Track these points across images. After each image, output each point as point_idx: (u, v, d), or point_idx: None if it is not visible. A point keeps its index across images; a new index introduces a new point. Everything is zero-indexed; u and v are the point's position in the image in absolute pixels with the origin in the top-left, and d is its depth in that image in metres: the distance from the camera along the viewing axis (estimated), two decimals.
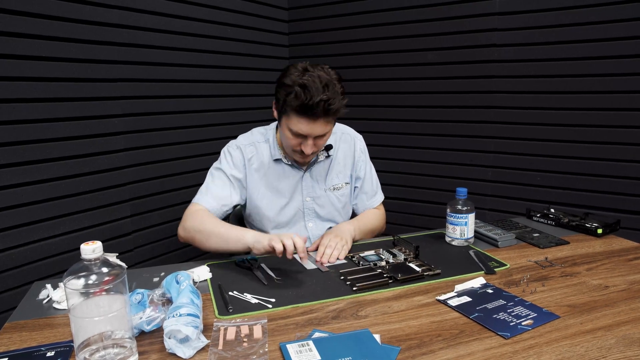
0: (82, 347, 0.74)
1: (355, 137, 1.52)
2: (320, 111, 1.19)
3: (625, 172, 1.82)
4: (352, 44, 2.34)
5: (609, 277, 1.10)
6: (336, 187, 1.46)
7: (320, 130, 1.24)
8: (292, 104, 1.20)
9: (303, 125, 1.22)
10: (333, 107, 1.20)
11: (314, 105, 1.17)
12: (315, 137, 1.26)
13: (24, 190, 1.52)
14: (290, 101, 1.20)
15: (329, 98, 1.19)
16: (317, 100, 1.17)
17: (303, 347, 0.81)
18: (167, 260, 2.02)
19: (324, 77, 1.20)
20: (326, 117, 1.22)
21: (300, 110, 1.20)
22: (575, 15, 1.82)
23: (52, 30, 1.53)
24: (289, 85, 1.20)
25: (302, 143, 1.27)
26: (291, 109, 1.21)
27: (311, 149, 1.27)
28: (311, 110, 1.18)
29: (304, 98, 1.17)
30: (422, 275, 1.12)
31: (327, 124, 1.25)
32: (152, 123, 1.90)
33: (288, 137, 1.28)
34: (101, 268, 0.74)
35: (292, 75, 1.21)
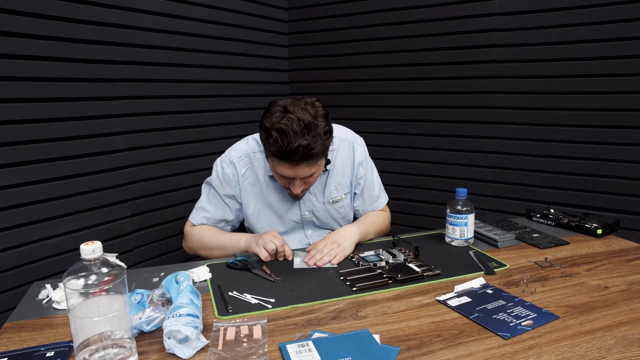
0: (82, 347, 0.74)
1: (354, 143, 1.44)
2: (299, 157, 1.13)
3: (624, 172, 1.82)
4: (352, 44, 2.34)
5: (608, 277, 1.11)
6: (335, 200, 1.42)
7: (304, 173, 1.20)
8: (271, 149, 1.16)
9: (285, 169, 1.19)
10: (314, 152, 1.14)
11: (291, 151, 1.12)
12: (303, 177, 1.22)
13: (24, 190, 1.51)
14: (269, 146, 1.16)
15: (308, 144, 1.12)
16: (294, 146, 1.11)
17: (303, 347, 0.81)
18: (167, 260, 2.02)
19: (305, 119, 1.13)
20: (307, 161, 1.16)
21: (279, 156, 1.15)
22: (575, 16, 1.82)
23: (52, 30, 1.53)
24: (268, 129, 1.14)
25: (290, 183, 1.25)
26: (271, 153, 1.18)
27: (300, 188, 1.24)
28: (290, 157, 1.13)
29: (282, 144, 1.12)
30: (421, 276, 1.12)
31: (311, 166, 1.19)
32: (152, 123, 1.90)
33: (276, 177, 1.28)
34: (101, 268, 0.74)
35: (271, 117, 1.15)
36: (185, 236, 1.42)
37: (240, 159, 1.36)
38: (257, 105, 2.36)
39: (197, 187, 2.09)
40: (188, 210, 1.40)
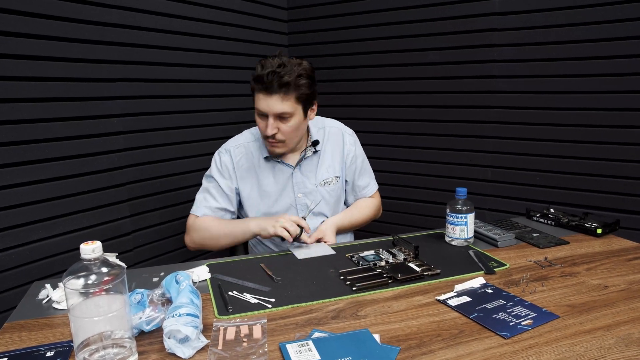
0: (82, 347, 0.74)
1: (343, 131, 1.54)
2: (274, 83, 1.24)
3: (624, 172, 1.82)
4: (352, 44, 2.34)
5: (608, 277, 1.11)
6: (326, 182, 1.48)
7: (277, 107, 1.27)
8: (252, 80, 1.29)
9: (261, 101, 1.28)
10: (285, 79, 1.24)
11: (264, 75, 1.24)
12: (278, 118, 1.30)
13: (24, 190, 1.51)
14: (252, 77, 1.29)
15: (281, 71, 1.24)
16: (267, 71, 1.24)
17: (303, 347, 0.81)
18: (167, 260, 2.02)
19: (285, 60, 1.28)
20: (280, 90, 1.26)
21: (256, 83, 1.27)
22: (575, 15, 1.82)
23: (52, 30, 1.53)
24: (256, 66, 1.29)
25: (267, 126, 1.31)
26: (253, 84, 1.29)
27: (272, 129, 1.30)
28: (264, 81, 1.25)
29: (259, 70, 1.26)
30: (421, 275, 1.12)
31: (284, 100, 1.27)
32: (152, 123, 1.90)
33: (256, 121, 1.34)
34: (101, 268, 0.74)
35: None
36: (188, 230, 1.43)
37: (235, 147, 1.45)
38: None
39: (197, 187, 2.10)
40: (188, 210, 1.41)
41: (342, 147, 1.52)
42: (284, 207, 1.45)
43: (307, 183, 1.46)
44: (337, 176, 1.51)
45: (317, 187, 1.47)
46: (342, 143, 1.52)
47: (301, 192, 1.46)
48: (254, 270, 1.17)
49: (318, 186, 1.47)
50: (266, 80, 1.24)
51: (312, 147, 1.46)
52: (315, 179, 1.47)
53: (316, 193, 1.47)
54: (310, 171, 1.47)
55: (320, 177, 1.48)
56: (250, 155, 1.44)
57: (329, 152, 1.50)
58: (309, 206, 1.46)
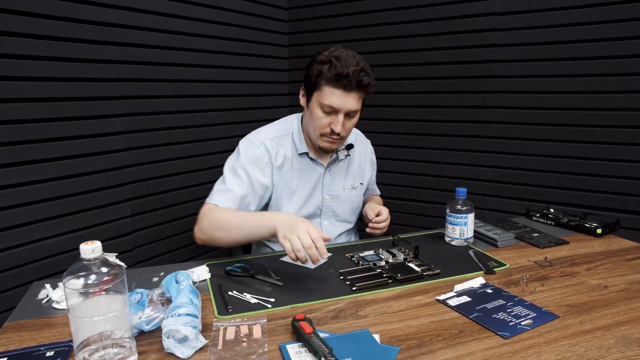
0: (82, 347, 0.74)
1: (368, 143, 1.61)
2: (354, 81, 1.21)
3: (624, 172, 1.82)
4: (352, 44, 2.32)
5: (608, 277, 1.11)
6: (354, 187, 1.48)
7: (352, 105, 1.25)
8: (326, 75, 1.22)
9: (336, 97, 1.23)
10: (365, 79, 1.22)
11: (349, 74, 1.20)
12: (345, 116, 1.26)
13: (24, 190, 1.52)
14: (325, 73, 1.22)
15: (362, 69, 1.22)
16: (352, 70, 1.20)
17: (303, 347, 0.81)
18: (167, 260, 2.02)
19: (357, 55, 1.26)
20: (359, 89, 1.24)
21: (334, 80, 1.21)
22: (575, 15, 1.82)
23: (52, 30, 1.53)
24: (323, 59, 1.23)
25: (332, 122, 1.26)
26: (326, 80, 1.23)
27: (341, 127, 1.26)
28: (345, 79, 1.20)
29: (339, 67, 1.20)
30: (421, 275, 1.12)
31: (359, 99, 1.26)
32: (152, 123, 1.90)
33: (318, 116, 1.27)
34: (100, 268, 0.74)
35: (325, 52, 1.26)
36: (199, 218, 1.26)
37: (271, 140, 1.36)
38: (257, 105, 2.36)
39: (197, 187, 2.11)
40: (188, 210, 1.39)
41: (367, 155, 1.56)
42: (311, 209, 1.41)
43: (335, 186, 1.44)
44: (362, 183, 1.52)
45: (344, 190, 1.46)
46: (367, 151, 1.57)
47: (329, 195, 1.43)
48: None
49: (346, 190, 1.46)
50: (351, 78, 1.20)
51: (346, 150, 1.45)
52: (344, 182, 1.46)
53: (343, 197, 1.45)
54: (340, 174, 1.45)
55: (348, 182, 1.47)
56: (284, 150, 1.36)
57: (356, 158, 1.51)
58: (334, 209, 1.45)
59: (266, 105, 2.41)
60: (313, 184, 1.40)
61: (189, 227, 2.10)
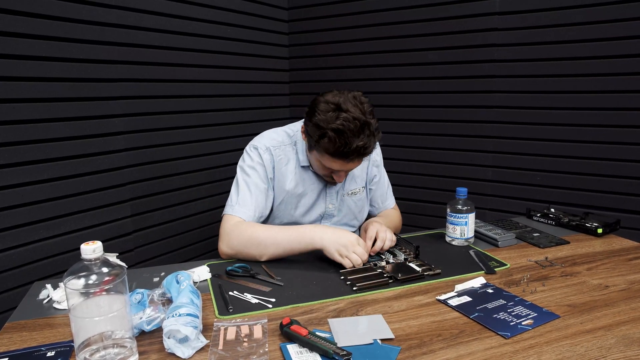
0: (83, 347, 0.74)
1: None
2: (355, 156, 1.16)
3: (625, 171, 1.82)
4: (352, 44, 2.34)
5: (609, 276, 1.10)
6: (353, 192, 1.45)
7: (355, 166, 1.24)
8: (327, 148, 1.15)
9: (337, 165, 1.20)
10: (368, 151, 1.17)
11: (349, 152, 1.14)
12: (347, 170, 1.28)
13: (24, 190, 1.52)
14: (324, 144, 1.15)
15: (365, 143, 1.14)
16: (353, 147, 1.13)
17: (303, 347, 0.81)
18: (167, 260, 2.02)
19: (360, 118, 1.13)
20: (360, 158, 1.20)
21: (335, 155, 1.16)
22: (575, 15, 1.82)
23: (52, 30, 1.53)
24: (323, 128, 1.14)
25: (333, 173, 1.28)
26: (326, 151, 1.17)
27: (343, 178, 1.29)
28: (347, 156, 1.15)
29: (339, 145, 1.12)
30: (422, 275, 1.12)
31: (361, 161, 1.24)
32: (153, 123, 1.90)
33: (319, 168, 1.28)
34: (101, 268, 0.74)
35: (325, 115, 1.14)
36: (226, 234, 1.23)
37: (274, 148, 1.33)
38: (257, 105, 2.36)
39: (197, 187, 2.11)
40: (188, 210, 1.39)
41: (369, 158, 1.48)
42: (314, 217, 1.41)
43: (338, 193, 1.42)
44: (363, 186, 1.48)
45: (344, 197, 1.42)
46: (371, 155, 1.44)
47: (332, 203, 1.41)
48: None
49: (345, 196, 1.43)
50: (352, 156, 1.15)
51: None
52: (343, 189, 1.42)
53: (343, 203, 1.43)
54: (343, 183, 1.41)
55: (348, 187, 1.43)
56: (288, 159, 1.35)
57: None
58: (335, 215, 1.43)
59: (266, 106, 2.41)
60: (317, 194, 1.39)
61: (189, 228, 2.10)
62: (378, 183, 1.53)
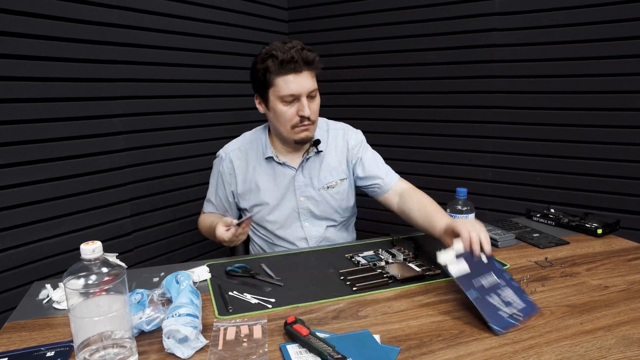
0: (82, 347, 0.74)
1: (347, 130, 1.47)
2: (300, 60, 1.24)
3: (625, 172, 1.82)
4: (352, 44, 2.34)
5: (608, 277, 1.11)
6: (330, 186, 1.42)
7: (309, 84, 1.28)
8: (273, 68, 1.26)
9: (292, 84, 1.26)
10: (310, 55, 1.26)
11: (293, 56, 1.23)
12: (307, 98, 1.29)
13: (24, 190, 1.51)
14: (270, 67, 1.26)
15: (302, 47, 1.26)
16: (294, 51, 1.24)
17: (303, 347, 0.81)
18: (167, 260, 2.02)
19: (292, 41, 1.29)
20: (307, 67, 1.27)
21: (282, 68, 1.25)
22: (575, 15, 1.82)
23: (52, 30, 1.53)
24: (263, 57, 1.28)
25: (298, 110, 1.29)
26: (275, 74, 1.26)
27: (308, 109, 1.29)
28: (292, 62, 1.24)
29: (281, 55, 1.24)
30: (422, 275, 1.12)
31: (312, 77, 1.30)
32: (153, 123, 1.90)
33: (283, 111, 1.30)
34: (101, 268, 0.74)
35: (260, 53, 1.30)
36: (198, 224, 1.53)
37: (233, 151, 1.45)
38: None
39: (197, 187, 2.10)
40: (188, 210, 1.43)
41: (346, 145, 1.44)
42: (286, 212, 1.41)
43: (309, 187, 1.40)
44: (343, 178, 1.43)
45: (319, 191, 1.41)
46: (346, 141, 1.44)
47: (303, 196, 1.40)
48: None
49: (321, 190, 1.41)
50: (296, 58, 1.24)
51: (314, 147, 1.40)
52: (318, 182, 1.41)
53: (319, 197, 1.41)
54: (313, 174, 1.41)
55: (323, 181, 1.41)
56: (251, 158, 1.42)
57: (332, 154, 1.43)
58: (311, 210, 1.41)
59: None
60: (285, 187, 1.40)
61: (189, 228, 2.10)
62: (363, 160, 1.44)
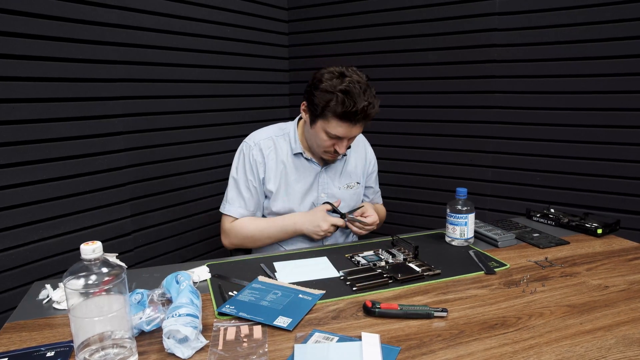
0: (82, 347, 0.74)
1: (365, 142, 1.61)
2: (361, 117, 1.25)
3: (625, 172, 1.82)
4: (352, 44, 2.34)
5: (608, 277, 1.11)
6: (349, 186, 1.51)
7: (357, 132, 1.31)
8: (335, 110, 1.24)
9: (343, 129, 1.27)
10: (372, 112, 1.26)
11: (357, 111, 1.22)
12: (349, 139, 1.34)
13: (24, 190, 1.51)
14: (332, 107, 1.23)
15: (370, 103, 1.24)
16: (360, 107, 1.22)
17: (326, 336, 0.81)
18: (167, 260, 2.02)
19: (363, 81, 1.25)
20: (365, 120, 1.28)
21: (342, 117, 1.24)
22: (575, 15, 1.82)
23: (52, 30, 1.53)
24: (330, 92, 1.23)
25: (335, 144, 1.32)
26: (333, 114, 1.25)
27: (345, 149, 1.34)
28: (354, 117, 1.24)
29: (348, 105, 1.21)
30: (422, 276, 1.12)
31: (364, 125, 1.31)
32: (152, 123, 1.90)
33: (322, 140, 1.33)
34: (101, 268, 0.74)
35: (331, 81, 1.24)
36: (226, 233, 1.45)
37: (264, 140, 1.44)
38: (257, 105, 2.36)
39: (197, 187, 2.11)
40: (188, 210, 1.42)
41: (365, 156, 1.57)
42: (307, 205, 1.46)
43: (331, 185, 1.48)
44: (359, 182, 1.54)
45: (340, 189, 1.49)
46: (365, 152, 1.58)
47: (324, 193, 1.47)
48: (254, 271, 1.17)
49: (342, 189, 1.49)
50: (359, 113, 1.23)
51: None
52: (339, 182, 1.49)
53: (339, 195, 1.48)
54: (336, 174, 1.49)
55: (344, 181, 1.50)
56: (279, 149, 1.44)
57: (353, 159, 1.53)
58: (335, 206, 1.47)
59: (266, 106, 2.42)
60: (309, 181, 1.45)
61: (189, 228, 2.10)
62: (372, 181, 1.63)
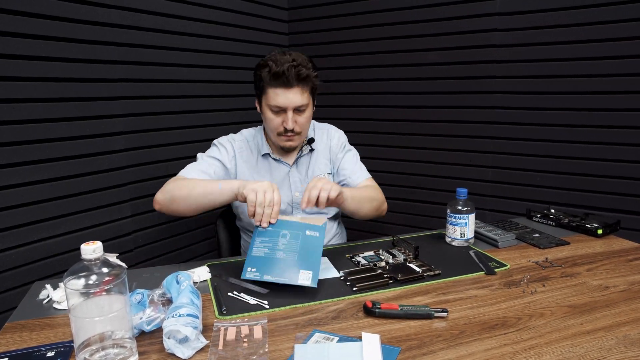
0: (82, 347, 0.74)
1: (329, 128, 1.59)
2: (292, 76, 1.28)
3: (625, 172, 1.82)
4: (352, 44, 2.34)
5: (609, 277, 1.11)
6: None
7: (297, 100, 1.31)
8: (266, 78, 1.31)
9: (280, 97, 1.31)
10: (303, 72, 1.30)
11: (285, 71, 1.27)
12: (295, 111, 1.33)
13: (24, 190, 1.51)
14: (264, 76, 1.31)
15: (298, 64, 1.30)
16: (286, 66, 1.28)
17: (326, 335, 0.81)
18: (167, 260, 2.02)
19: (295, 53, 1.34)
20: (299, 83, 1.30)
21: (273, 79, 1.29)
22: (576, 16, 1.82)
23: (52, 30, 1.53)
24: (262, 64, 1.34)
25: (283, 120, 1.34)
26: (266, 83, 1.32)
27: (292, 123, 1.33)
28: (283, 76, 1.28)
29: (275, 67, 1.28)
30: (422, 276, 1.12)
31: (303, 92, 1.32)
32: (153, 123, 1.90)
33: (270, 118, 1.35)
34: (101, 268, 0.74)
35: (261, 61, 1.37)
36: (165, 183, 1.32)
37: (236, 140, 1.48)
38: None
39: None
40: None
41: (329, 142, 1.55)
42: (282, 206, 1.44)
43: (303, 182, 1.48)
44: (329, 172, 1.53)
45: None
46: (329, 139, 1.56)
47: (298, 191, 1.47)
48: None
49: None
50: (287, 74, 1.28)
51: (309, 145, 1.49)
52: (310, 177, 1.49)
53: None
54: (305, 170, 1.49)
55: (312, 175, 1.49)
56: (249, 151, 1.47)
57: (320, 150, 1.53)
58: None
59: None
60: (280, 182, 1.46)
61: (189, 228, 2.10)
62: (343, 161, 1.52)
